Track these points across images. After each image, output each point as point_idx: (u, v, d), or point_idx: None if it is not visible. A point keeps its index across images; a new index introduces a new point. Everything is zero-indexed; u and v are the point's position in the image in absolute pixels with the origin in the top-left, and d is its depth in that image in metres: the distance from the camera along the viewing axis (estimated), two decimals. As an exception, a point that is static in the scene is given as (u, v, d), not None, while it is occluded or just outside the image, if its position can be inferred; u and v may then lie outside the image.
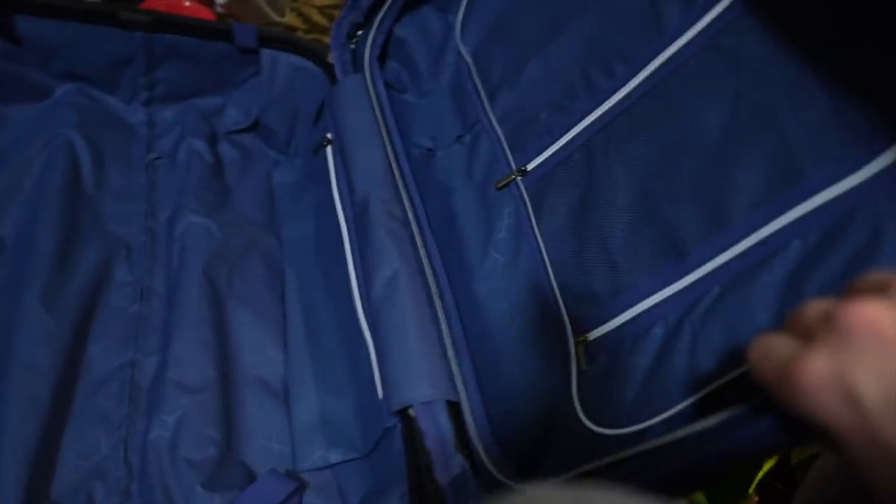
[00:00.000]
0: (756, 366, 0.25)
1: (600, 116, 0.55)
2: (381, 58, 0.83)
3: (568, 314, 0.53)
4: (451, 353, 0.53)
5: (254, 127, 0.86)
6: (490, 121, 0.68)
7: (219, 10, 1.11)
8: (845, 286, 0.25)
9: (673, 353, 0.42)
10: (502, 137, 0.66)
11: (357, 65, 0.82)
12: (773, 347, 0.24)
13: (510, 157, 0.65)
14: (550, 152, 0.60)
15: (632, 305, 0.47)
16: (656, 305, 0.45)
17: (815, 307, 0.24)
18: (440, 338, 0.54)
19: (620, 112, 0.53)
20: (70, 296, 0.64)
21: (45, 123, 0.75)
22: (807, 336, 0.23)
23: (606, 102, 0.55)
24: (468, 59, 0.74)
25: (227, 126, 0.85)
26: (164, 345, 0.64)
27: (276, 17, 1.12)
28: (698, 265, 0.43)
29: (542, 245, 0.58)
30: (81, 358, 0.62)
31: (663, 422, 0.39)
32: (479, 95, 0.71)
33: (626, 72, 0.53)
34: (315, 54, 0.83)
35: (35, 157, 0.72)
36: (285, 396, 0.64)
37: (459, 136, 0.75)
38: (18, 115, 0.75)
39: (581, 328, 0.51)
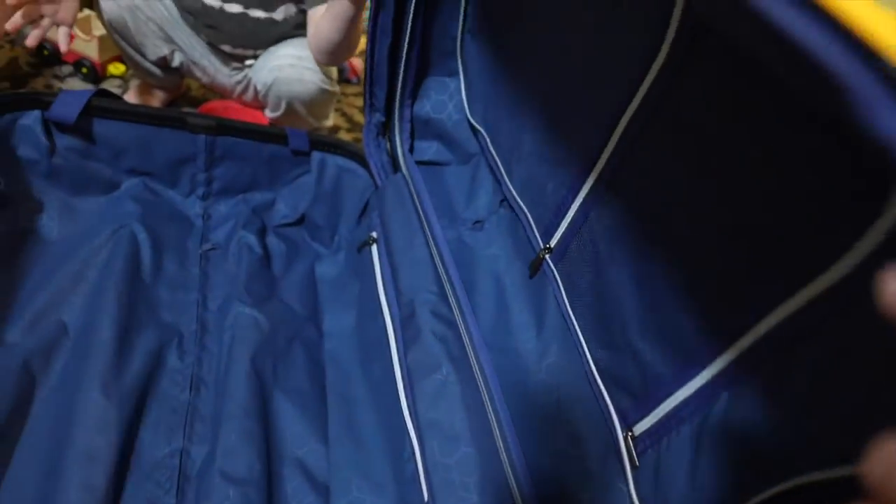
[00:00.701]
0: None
1: (593, 185, 0.54)
2: (414, 137, 0.85)
3: (613, 404, 0.52)
4: (503, 456, 0.55)
5: (300, 221, 0.92)
6: (513, 194, 0.69)
7: (268, 119, 1.19)
8: None
9: (702, 462, 0.42)
10: (526, 211, 0.67)
11: (395, 162, 0.88)
12: None
13: (537, 234, 0.65)
14: (564, 226, 0.60)
15: (661, 402, 0.47)
16: (679, 406, 0.45)
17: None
18: (493, 441, 0.56)
19: (608, 181, 0.52)
20: (126, 383, 0.67)
21: (112, 215, 0.80)
22: None
23: (594, 171, 0.54)
24: (482, 130, 0.77)
25: (276, 220, 0.90)
26: (212, 435, 0.66)
27: (318, 124, 1.20)
28: (704, 366, 0.42)
29: (577, 328, 0.57)
30: (134, 445, 0.65)
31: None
32: (499, 169, 0.73)
33: (600, 136, 0.52)
34: (360, 157, 0.89)
35: (101, 247, 0.77)
36: (326, 490, 0.66)
37: (502, 200, 0.76)
38: (88, 206, 0.81)
39: (627, 421, 0.51)
